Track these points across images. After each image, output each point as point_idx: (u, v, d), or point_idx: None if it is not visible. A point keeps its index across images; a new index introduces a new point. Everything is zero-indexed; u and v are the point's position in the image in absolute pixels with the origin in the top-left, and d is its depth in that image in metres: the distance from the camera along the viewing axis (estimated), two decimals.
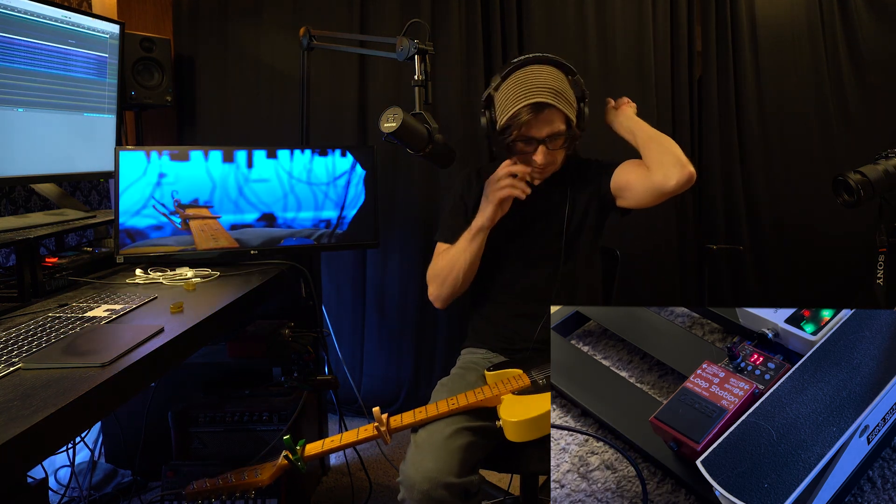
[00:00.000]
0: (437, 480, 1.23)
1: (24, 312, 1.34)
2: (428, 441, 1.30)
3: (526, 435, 1.23)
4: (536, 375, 1.36)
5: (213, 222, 1.76)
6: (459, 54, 2.58)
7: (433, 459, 1.26)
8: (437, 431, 1.31)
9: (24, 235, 1.46)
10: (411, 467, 1.27)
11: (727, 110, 2.82)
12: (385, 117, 1.45)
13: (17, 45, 1.61)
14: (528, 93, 1.43)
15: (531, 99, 1.42)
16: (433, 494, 1.23)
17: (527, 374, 1.38)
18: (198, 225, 1.75)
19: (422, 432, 1.33)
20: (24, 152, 1.69)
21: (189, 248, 1.74)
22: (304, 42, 1.99)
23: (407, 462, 1.29)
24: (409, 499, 1.26)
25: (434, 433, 1.31)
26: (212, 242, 1.76)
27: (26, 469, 0.81)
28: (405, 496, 1.26)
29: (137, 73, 2.23)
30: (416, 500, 1.24)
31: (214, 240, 1.75)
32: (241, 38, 2.61)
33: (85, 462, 2.11)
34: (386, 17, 2.57)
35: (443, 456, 1.26)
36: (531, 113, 1.43)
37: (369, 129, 2.62)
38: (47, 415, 0.82)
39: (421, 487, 1.23)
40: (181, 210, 1.73)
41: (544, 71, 1.47)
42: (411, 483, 1.25)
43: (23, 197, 1.93)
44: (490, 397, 1.33)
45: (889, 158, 1.73)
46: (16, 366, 1.00)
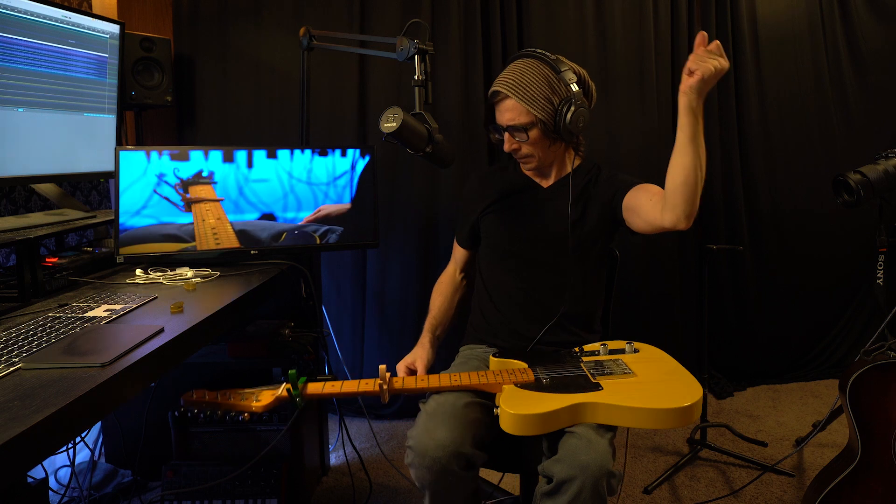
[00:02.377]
0: (451, 449, 1.24)
1: (24, 312, 1.34)
2: (440, 410, 1.31)
3: (520, 429, 1.22)
4: (541, 373, 1.37)
5: (216, 207, 1.77)
6: (459, 54, 2.58)
7: (448, 428, 1.27)
8: (450, 402, 1.32)
9: (24, 235, 1.46)
10: (424, 434, 1.27)
11: (727, 110, 2.83)
12: (385, 117, 1.45)
13: (17, 45, 1.61)
14: (496, 82, 1.52)
15: (492, 87, 1.52)
16: (444, 463, 1.24)
17: (532, 369, 1.38)
18: (200, 211, 1.75)
19: (431, 402, 1.35)
20: (24, 152, 1.69)
21: (190, 246, 1.74)
22: (304, 42, 1.99)
23: (418, 428, 1.29)
24: (419, 465, 1.26)
25: (446, 403, 1.32)
26: (213, 242, 1.76)
27: (26, 469, 0.81)
28: (414, 461, 1.27)
29: (137, 73, 2.23)
30: (426, 466, 1.25)
31: (216, 239, 1.75)
32: (241, 38, 2.61)
33: (85, 462, 2.11)
34: (386, 17, 2.57)
35: (458, 426, 1.28)
36: (494, 99, 1.53)
37: (369, 129, 2.63)
38: (47, 415, 0.82)
39: (434, 455, 1.24)
40: (182, 189, 1.74)
41: (522, 64, 1.51)
42: (423, 450, 1.25)
43: (23, 197, 1.93)
44: (493, 382, 1.34)
45: (889, 158, 1.73)
46: (16, 366, 1.00)
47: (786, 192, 2.91)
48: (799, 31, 2.85)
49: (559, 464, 1.23)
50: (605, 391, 1.28)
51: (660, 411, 1.22)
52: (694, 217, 1.33)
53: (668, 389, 1.29)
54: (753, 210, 2.89)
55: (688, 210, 1.31)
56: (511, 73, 1.51)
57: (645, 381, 1.33)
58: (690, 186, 1.28)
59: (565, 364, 1.42)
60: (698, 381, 1.32)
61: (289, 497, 1.79)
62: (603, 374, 1.35)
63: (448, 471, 1.25)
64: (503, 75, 1.52)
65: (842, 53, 2.89)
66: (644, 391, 1.28)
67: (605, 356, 1.46)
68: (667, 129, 2.71)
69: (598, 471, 1.19)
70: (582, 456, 1.20)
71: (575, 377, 1.35)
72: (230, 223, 1.79)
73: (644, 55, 2.70)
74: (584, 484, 1.18)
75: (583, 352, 1.49)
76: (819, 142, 2.91)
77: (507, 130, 1.53)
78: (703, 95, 1.23)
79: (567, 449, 1.24)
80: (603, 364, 1.40)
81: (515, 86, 1.48)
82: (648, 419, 1.24)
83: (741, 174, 2.86)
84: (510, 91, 1.48)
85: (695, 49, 1.21)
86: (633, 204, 1.50)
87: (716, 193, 2.82)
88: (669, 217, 1.34)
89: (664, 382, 1.33)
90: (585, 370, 1.38)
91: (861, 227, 2.90)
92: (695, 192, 1.29)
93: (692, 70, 1.20)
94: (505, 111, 1.51)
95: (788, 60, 2.86)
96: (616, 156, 2.69)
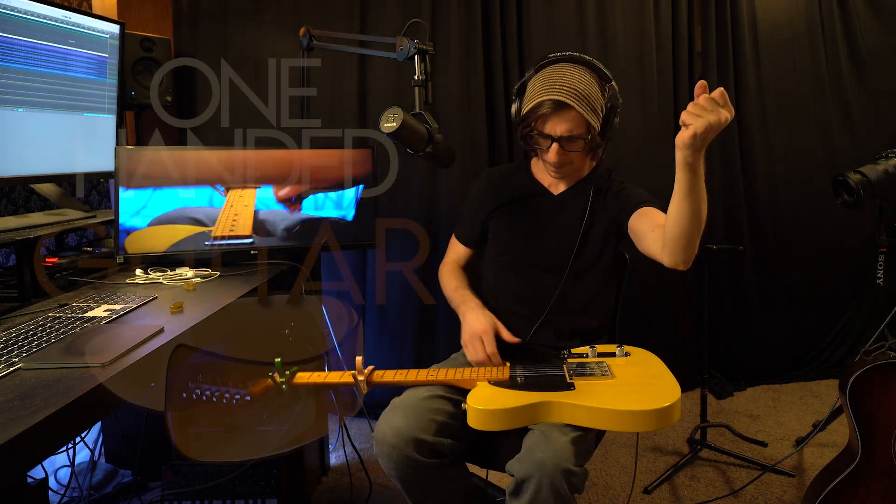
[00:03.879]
0: (406, 436, 1.28)
1: (24, 312, 1.34)
2: (403, 402, 1.37)
3: (483, 424, 1.23)
4: (518, 372, 1.37)
5: (251, 195, 1.80)
6: (459, 54, 2.58)
7: (405, 417, 1.32)
8: (413, 395, 1.38)
9: (24, 235, 1.46)
10: (383, 423, 1.33)
11: None
12: (385, 117, 1.45)
13: (17, 45, 1.61)
14: (552, 88, 1.42)
15: (552, 95, 1.41)
16: (402, 448, 1.28)
17: (511, 368, 1.39)
18: (234, 196, 1.78)
19: (401, 396, 1.40)
20: (24, 152, 1.69)
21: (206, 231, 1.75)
22: (304, 42, 1.99)
23: (380, 419, 1.35)
24: (379, 453, 1.31)
25: (410, 396, 1.38)
26: (228, 229, 1.76)
27: (26, 469, 0.81)
28: (376, 451, 1.32)
29: (137, 73, 2.23)
30: (385, 454, 1.30)
31: (232, 226, 1.77)
32: (241, 38, 2.60)
33: (85, 462, 2.11)
34: (386, 17, 2.57)
35: (414, 414, 1.32)
36: (550, 108, 1.42)
37: (369, 129, 2.62)
38: (47, 415, 0.82)
39: (391, 441, 1.29)
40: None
41: (574, 71, 1.46)
42: (382, 437, 1.31)
43: (23, 197, 1.93)
44: (467, 379, 1.36)
45: (889, 158, 1.73)
46: (16, 366, 1.00)
47: (786, 193, 2.91)
48: (798, 31, 2.85)
49: (519, 462, 1.23)
50: (576, 392, 1.26)
51: (628, 413, 1.19)
52: (692, 260, 1.31)
53: (641, 392, 1.26)
54: (753, 210, 2.89)
55: (685, 256, 1.29)
56: (570, 82, 1.43)
57: (621, 383, 1.31)
58: (687, 238, 1.26)
59: (547, 364, 1.42)
60: (679, 385, 1.26)
61: (289, 497, 1.79)
62: (581, 376, 1.33)
63: (409, 458, 1.28)
64: (560, 84, 1.42)
65: (841, 53, 2.89)
66: (615, 393, 1.26)
67: (592, 358, 1.44)
68: (667, 129, 2.71)
69: (554, 468, 1.18)
70: (538, 453, 1.20)
71: (550, 377, 1.34)
72: (255, 211, 1.81)
73: (644, 55, 2.70)
74: (541, 482, 1.17)
75: (570, 353, 1.48)
76: (819, 142, 2.90)
77: (561, 141, 1.46)
78: (700, 150, 1.12)
79: (526, 447, 1.25)
80: (585, 366, 1.39)
81: (580, 97, 1.41)
82: (614, 421, 1.21)
83: (741, 174, 2.86)
84: (577, 102, 1.41)
85: (695, 98, 1.08)
86: (636, 229, 1.48)
87: (716, 193, 2.82)
88: (668, 260, 1.33)
89: (641, 385, 1.30)
90: (565, 371, 1.37)
91: (861, 227, 2.90)
92: (692, 242, 1.27)
93: (686, 124, 1.08)
94: (564, 122, 1.43)
95: (788, 60, 2.86)
96: (617, 156, 2.69)
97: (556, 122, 1.44)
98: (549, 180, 1.63)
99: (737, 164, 2.85)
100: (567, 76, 1.44)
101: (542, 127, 1.46)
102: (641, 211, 1.49)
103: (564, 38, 2.64)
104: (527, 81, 1.52)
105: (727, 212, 2.86)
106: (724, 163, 2.84)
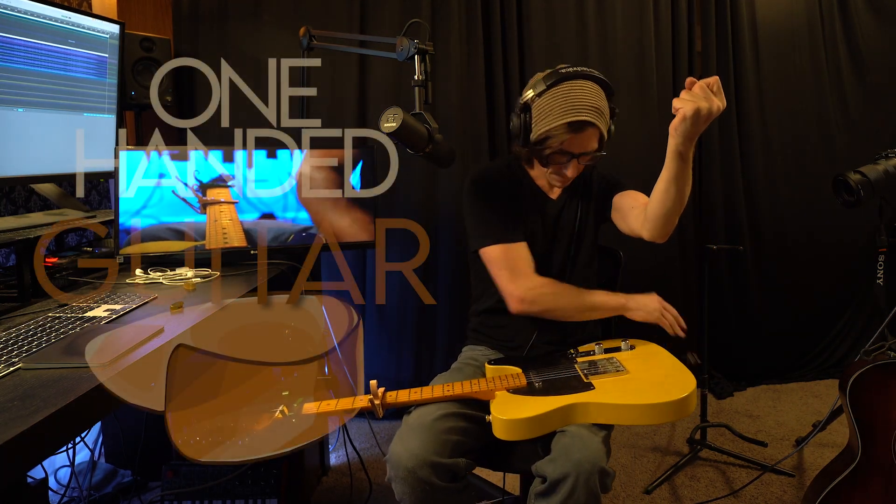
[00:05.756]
0: (423, 459, 1.25)
1: (24, 312, 1.34)
2: (417, 422, 1.32)
3: (513, 434, 1.23)
4: (534, 377, 1.37)
5: (230, 209, 1.77)
6: (459, 54, 2.58)
7: (420, 439, 1.28)
8: (427, 414, 1.33)
9: (24, 235, 1.46)
10: (398, 445, 1.29)
11: (727, 110, 2.82)
12: (385, 117, 1.45)
13: (17, 45, 1.61)
14: (573, 110, 1.43)
15: (578, 116, 1.43)
16: (418, 472, 1.24)
17: (525, 374, 1.38)
18: (214, 212, 1.76)
19: (413, 414, 1.35)
20: (24, 152, 1.69)
21: (200, 244, 1.74)
22: (304, 42, 1.99)
23: (395, 441, 1.31)
24: (394, 477, 1.28)
25: (424, 415, 1.33)
26: (222, 241, 1.76)
27: (26, 469, 0.81)
28: (391, 475, 1.29)
29: (137, 73, 2.23)
30: (401, 477, 1.26)
31: (225, 238, 1.76)
32: (241, 38, 2.60)
33: (85, 462, 2.11)
34: (386, 17, 2.57)
35: (430, 437, 1.28)
36: (573, 130, 1.44)
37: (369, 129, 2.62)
38: (47, 415, 0.82)
39: (407, 465, 1.25)
40: (201, 191, 1.75)
41: (589, 88, 1.46)
42: (397, 460, 1.27)
43: (23, 197, 1.93)
44: (485, 390, 1.34)
45: (889, 158, 1.73)
46: (16, 366, 1.00)
47: (786, 193, 2.91)
48: (798, 30, 2.85)
49: (552, 463, 1.23)
50: (597, 390, 1.28)
51: (652, 406, 1.22)
52: (670, 234, 1.43)
53: (660, 384, 1.29)
54: (753, 210, 2.89)
55: (664, 231, 1.41)
56: (591, 100, 1.45)
57: (637, 377, 1.33)
58: (668, 217, 1.36)
59: (559, 366, 1.42)
60: (691, 373, 1.33)
61: (289, 497, 1.79)
62: (596, 374, 1.35)
63: (425, 482, 1.24)
64: (585, 103, 1.43)
65: (841, 54, 2.89)
66: (636, 388, 1.28)
67: (600, 355, 1.46)
68: (667, 128, 2.71)
69: (592, 467, 1.19)
70: (575, 454, 1.21)
71: (567, 379, 1.35)
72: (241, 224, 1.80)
73: (644, 55, 2.70)
74: (577, 481, 1.18)
75: (577, 353, 1.49)
76: (819, 142, 2.91)
77: (581, 157, 1.49)
78: (691, 139, 1.17)
79: (560, 448, 1.24)
80: (597, 363, 1.41)
81: (600, 114, 1.46)
82: (641, 415, 1.23)
83: (741, 174, 2.86)
84: (598, 121, 1.45)
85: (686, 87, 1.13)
86: (620, 206, 1.57)
87: (716, 193, 2.82)
88: (648, 234, 1.44)
89: (657, 377, 1.33)
90: (579, 371, 1.38)
91: (861, 227, 2.90)
92: (673, 220, 1.37)
93: (676, 109, 1.13)
94: (586, 140, 1.47)
95: (788, 60, 2.86)
96: (616, 157, 2.69)
97: (580, 141, 1.47)
98: (545, 185, 1.64)
99: (737, 164, 2.85)
100: (586, 94, 1.45)
101: (566, 147, 1.48)
102: (624, 193, 1.59)
103: (564, 38, 2.64)
104: (535, 97, 1.49)
105: (727, 212, 2.86)
106: (724, 162, 2.84)
